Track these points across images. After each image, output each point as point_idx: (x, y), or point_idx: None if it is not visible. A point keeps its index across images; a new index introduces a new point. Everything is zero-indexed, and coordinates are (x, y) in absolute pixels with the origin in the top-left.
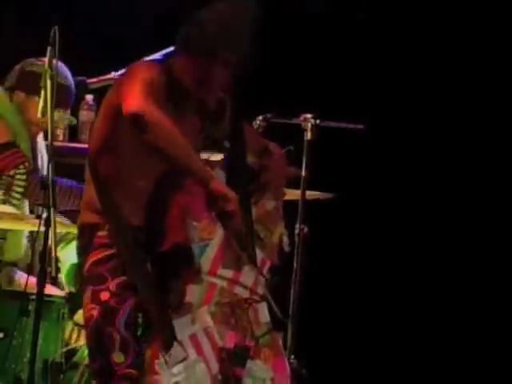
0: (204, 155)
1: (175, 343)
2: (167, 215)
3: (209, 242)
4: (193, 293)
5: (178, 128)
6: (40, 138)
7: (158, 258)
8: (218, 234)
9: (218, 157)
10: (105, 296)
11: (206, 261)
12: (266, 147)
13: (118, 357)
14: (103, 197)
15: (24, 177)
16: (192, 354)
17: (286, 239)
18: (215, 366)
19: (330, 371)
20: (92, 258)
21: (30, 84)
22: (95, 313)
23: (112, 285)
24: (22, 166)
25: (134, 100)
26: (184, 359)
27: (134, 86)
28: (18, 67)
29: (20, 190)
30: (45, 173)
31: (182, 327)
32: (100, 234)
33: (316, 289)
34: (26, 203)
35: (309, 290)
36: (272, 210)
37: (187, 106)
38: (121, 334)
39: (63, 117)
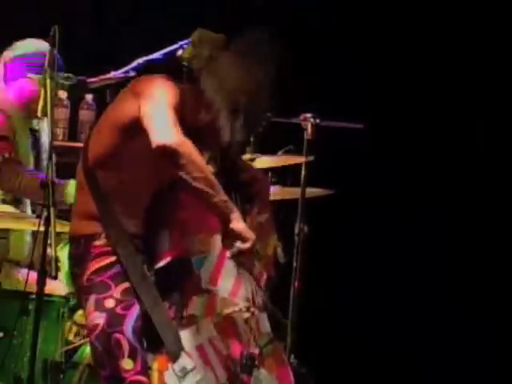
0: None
1: (183, 354)
2: (166, 230)
3: (208, 254)
4: (195, 304)
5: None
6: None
7: (159, 272)
8: (217, 246)
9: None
10: (110, 303)
11: (205, 272)
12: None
13: (127, 363)
14: (102, 205)
15: None
16: (199, 364)
17: (280, 251)
18: (223, 376)
19: (329, 371)
20: (92, 267)
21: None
22: (101, 321)
23: (116, 292)
24: (0, 157)
25: (163, 131)
26: (192, 370)
27: (159, 112)
28: None
29: None
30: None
31: (188, 338)
32: (97, 243)
33: (316, 288)
34: (28, 202)
35: (308, 290)
36: (265, 222)
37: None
38: (129, 340)
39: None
